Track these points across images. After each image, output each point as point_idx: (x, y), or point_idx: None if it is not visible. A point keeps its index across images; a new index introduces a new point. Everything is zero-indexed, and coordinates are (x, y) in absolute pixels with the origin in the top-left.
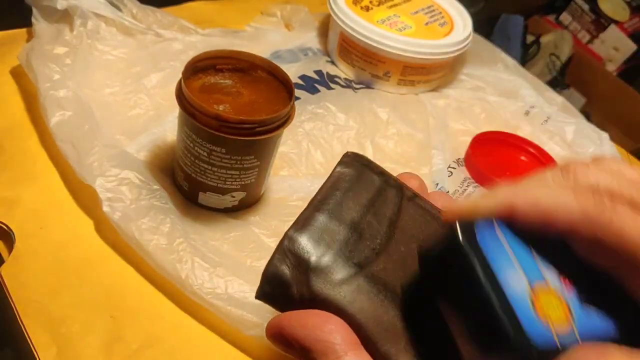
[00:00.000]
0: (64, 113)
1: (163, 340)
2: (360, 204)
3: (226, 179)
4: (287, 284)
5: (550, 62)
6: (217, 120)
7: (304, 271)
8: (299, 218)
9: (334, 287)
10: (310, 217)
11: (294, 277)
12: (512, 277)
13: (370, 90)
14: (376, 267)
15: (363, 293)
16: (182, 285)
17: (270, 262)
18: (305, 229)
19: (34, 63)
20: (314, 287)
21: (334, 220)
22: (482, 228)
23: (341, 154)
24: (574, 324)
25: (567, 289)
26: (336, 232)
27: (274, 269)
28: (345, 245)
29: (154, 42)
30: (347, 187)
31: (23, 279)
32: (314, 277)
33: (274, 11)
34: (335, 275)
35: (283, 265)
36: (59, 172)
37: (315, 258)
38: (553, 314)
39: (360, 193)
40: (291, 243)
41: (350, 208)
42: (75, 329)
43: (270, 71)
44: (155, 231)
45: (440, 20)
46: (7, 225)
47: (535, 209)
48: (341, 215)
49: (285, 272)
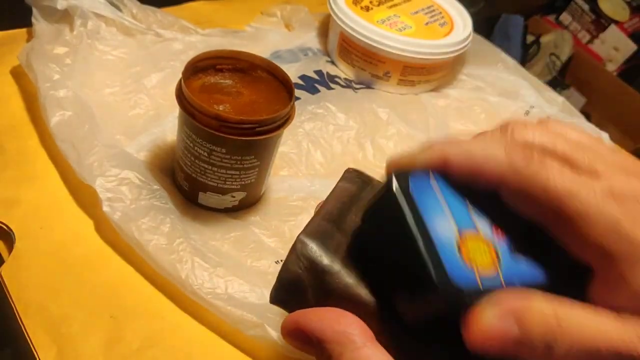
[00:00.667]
0: (64, 113)
1: (163, 340)
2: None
3: (226, 179)
4: (304, 288)
5: (550, 62)
6: (217, 120)
7: (318, 274)
8: (309, 225)
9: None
10: (318, 225)
11: (309, 280)
12: (441, 224)
13: (370, 90)
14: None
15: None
16: (182, 285)
17: (284, 266)
18: (314, 234)
19: (34, 63)
20: (330, 287)
21: (338, 231)
22: (417, 178)
23: (341, 154)
24: (500, 269)
25: (499, 237)
26: (340, 242)
27: (289, 274)
28: (349, 255)
29: (154, 42)
30: (350, 201)
31: (23, 279)
32: (328, 279)
33: (274, 11)
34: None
35: (298, 270)
36: (59, 172)
37: (328, 261)
38: (480, 259)
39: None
40: (304, 247)
41: (352, 220)
42: (75, 329)
43: (270, 71)
44: (155, 231)
45: (440, 20)
46: (7, 225)
47: (466, 161)
48: (343, 227)
49: (301, 276)
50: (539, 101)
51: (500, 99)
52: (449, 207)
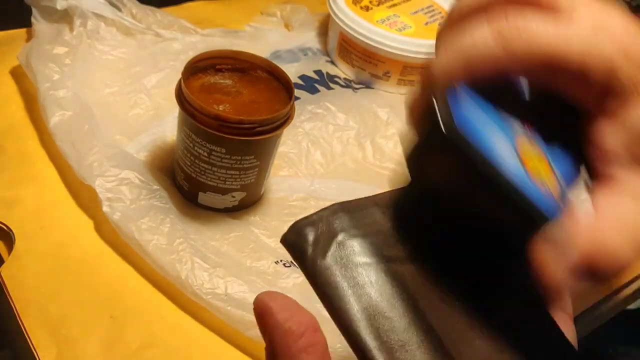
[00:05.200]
0: (63, 113)
1: (163, 340)
2: (417, 215)
3: (226, 179)
4: (307, 243)
5: None
6: (217, 120)
7: (328, 240)
8: (354, 200)
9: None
10: (364, 204)
11: (317, 240)
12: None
13: (370, 90)
14: (405, 268)
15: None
16: (182, 286)
17: (304, 217)
18: (352, 211)
19: (34, 63)
20: (327, 258)
21: (387, 218)
22: (455, 100)
23: (341, 154)
24: (556, 176)
25: (532, 132)
26: (382, 226)
27: (304, 224)
28: (384, 240)
29: (154, 42)
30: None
31: (23, 279)
32: (334, 249)
33: (274, 11)
34: (358, 257)
35: (314, 227)
36: (59, 172)
37: (346, 235)
38: (540, 169)
39: (424, 221)
40: (331, 214)
41: (405, 215)
42: (75, 329)
43: (270, 71)
44: (155, 231)
45: (440, 20)
46: (7, 225)
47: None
48: (396, 216)
49: (312, 232)
50: None
51: None
52: (491, 119)
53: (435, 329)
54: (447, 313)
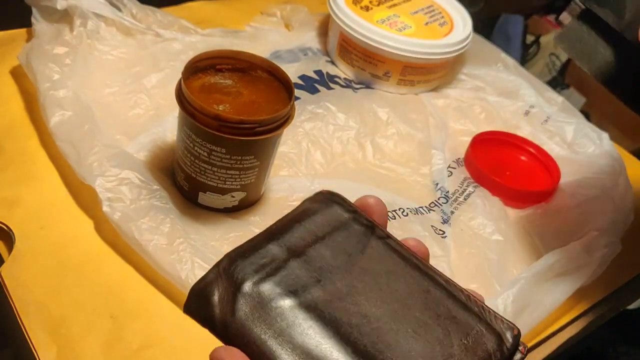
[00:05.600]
0: (63, 113)
1: (163, 340)
2: (315, 236)
3: (226, 179)
4: (212, 305)
5: (550, 62)
6: (217, 120)
7: (233, 295)
8: (246, 242)
9: (259, 319)
10: (259, 243)
11: (221, 299)
12: None
13: (370, 90)
14: (314, 296)
15: (293, 324)
16: (182, 286)
17: (201, 278)
18: (248, 254)
19: (34, 63)
20: (237, 315)
21: (284, 250)
22: None
23: (341, 154)
24: None
25: None
26: (282, 262)
27: (202, 287)
28: (287, 275)
29: (154, 42)
30: (308, 220)
31: (23, 279)
32: (242, 303)
33: (274, 11)
34: (268, 304)
35: (213, 286)
36: (59, 172)
37: (250, 284)
38: None
39: (319, 226)
40: (229, 265)
41: (303, 239)
42: (75, 329)
43: (270, 71)
44: (155, 231)
45: (440, 20)
46: (7, 225)
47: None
48: (292, 245)
49: (214, 293)
50: (539, 101)
51: (500, 99)
52: None
53: (362, 340)
54: (366, 321)
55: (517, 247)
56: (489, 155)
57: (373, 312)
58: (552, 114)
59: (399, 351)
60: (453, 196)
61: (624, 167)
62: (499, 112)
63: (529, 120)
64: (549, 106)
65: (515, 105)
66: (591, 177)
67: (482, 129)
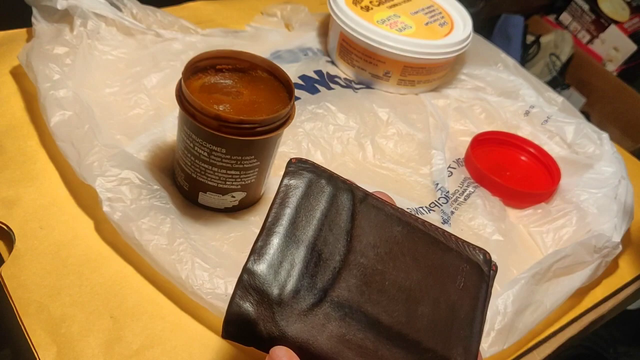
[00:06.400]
0: (64, 113)
1: (163, 340)
2: (314, 218)
3: (226, 179)
4: (253, 322)
5: (550, 62)
6: (217, 120)
7: (268, 306)
8: (255, 247)
9: (300, 320)
10: (266, 244)
11: (259, 314)
12: None
13: (370, 90)
14: (339, 289)
15: (330, 321)
16: (182, 286)
17: (232, 301)
18: (263, 259)
19: (34, 63)
20: (281, 323)
21: (291, 243)
22: None
23: (341, 154)
24: None
25: None
26: (295, 255)
27: (237, 309)
28: (306, 268)
29: (154, 42)
30: (298, 202)
31: (23, 279)
32: (279, 311)
33: (274, 11)
34: (301, 304)
35: (246, 303)
36: (59, 172)
37: (278, 290)
38: None
39: (312, 206)
40: (251, 277)
41: (304, 226)
42: (75, 329)
43: (270, 71)
44: (156, 231)
45: (440, 20)
46: (7, 225)
47: None
48: (296, 235)
49: (249, 310)
50: (539, 101)
51: (500, 99)
52: None
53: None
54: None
55: (517, 247)
56: (489, 155)
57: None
58: (552, 114)
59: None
60: (453, 196)
61: (624, 167)
62: (499, 112)
63: (529, 120)
64: (549, 106)
65: (516, 105)
66: (591, 177)
67: (482, 129)
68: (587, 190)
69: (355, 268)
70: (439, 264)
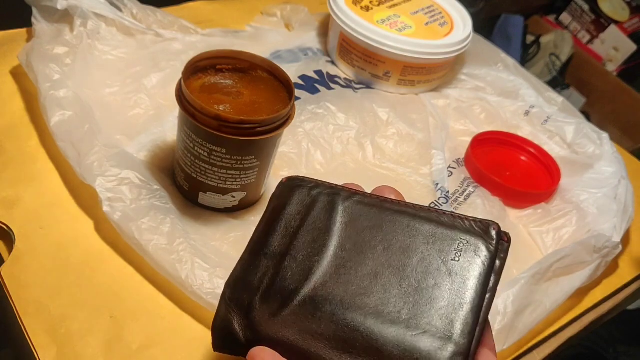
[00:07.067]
0: (64, 113)
1: (163, 340)
2: (292, 228)
3: (226, 179)
4: (235, 332)
5: (550, 62)
6: (217, 120)
7: (245, 315)
8: (237, 264)
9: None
10: (248, 261)
11: (238, 323)
12: None
13: (370, 90)
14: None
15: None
16: (182, 286)
17: (217, 316)
18: (243, 275)
19: (34, 63)
20: (257, 328)
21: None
22: None
23: (341, 154)
24: None
25: None
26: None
27: (220, 324)
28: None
29: (154, 42)
30: (281, 217)
31: (23, 279)
32: (254, 316)
33: (274, 11)
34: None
35: (228, 315)
36: (59, 172)
37: (249, 299)
38: None
39: (291, 219)
40: (232, 293)
41: (283, 237)
42: (75, 329)
43: (270, 71)
44: (156, 231)
45: (440, 20)
46: (7, 225)
47: None
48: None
49: (230, 321)
50: (539, 101)
51: (500, 99)
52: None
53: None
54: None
55: (517, 247)
56: (489, 155)
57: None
58: (552, 114)
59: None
60: (453, 196)
61: (624, 167)
62: (499, 112)
63: (529, 120)
64: (549, 106)
65: (516, 105)
66: (591, 177)
67: (482, 129)
68: (587, 190)
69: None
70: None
